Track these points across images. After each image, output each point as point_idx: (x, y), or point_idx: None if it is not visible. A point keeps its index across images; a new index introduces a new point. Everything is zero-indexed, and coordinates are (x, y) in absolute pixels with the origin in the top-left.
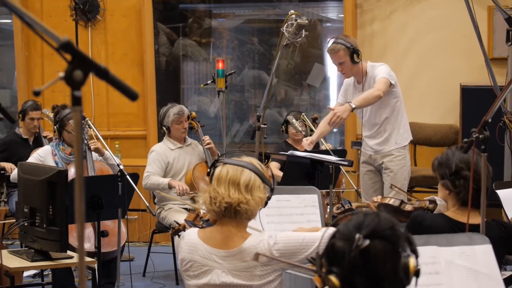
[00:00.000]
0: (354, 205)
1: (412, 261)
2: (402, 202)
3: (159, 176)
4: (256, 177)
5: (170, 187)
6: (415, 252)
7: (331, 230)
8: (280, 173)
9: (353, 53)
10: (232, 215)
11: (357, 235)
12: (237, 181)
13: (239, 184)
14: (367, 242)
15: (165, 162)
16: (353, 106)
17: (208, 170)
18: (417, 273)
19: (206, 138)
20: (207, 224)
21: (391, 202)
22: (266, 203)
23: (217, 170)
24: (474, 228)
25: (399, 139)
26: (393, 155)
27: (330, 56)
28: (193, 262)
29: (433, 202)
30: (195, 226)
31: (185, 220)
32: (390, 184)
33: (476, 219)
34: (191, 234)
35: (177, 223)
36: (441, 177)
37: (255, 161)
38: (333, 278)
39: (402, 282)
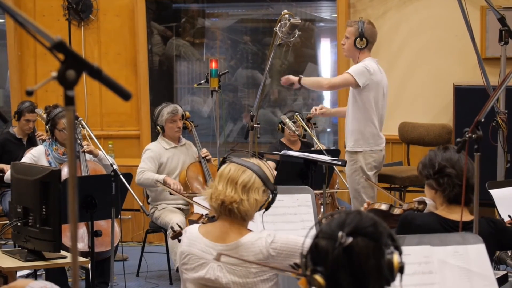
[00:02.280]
0: None
1: (396, 257)
2: (391, 206)
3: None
4: (257, 179)
5: (165, 183)
6: (398, 249)
7: None
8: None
9: (357, 37)
10: (226, 213)
11: (340, 233)
12: (236, 180)
13: (237, 183)
14: (350, 239)
15: (158, 161)
16: (301, 81)
17: (218, 166)
18: (401, 269)
19: (204, 150)
20: (212, 221)
21: (381, 207)
22: (268, 207)
23: (222, 167)
24: (465, 225)
25: (351, 144)
26: (346, 158)
27: None
28: (191, 255)
29: (422, 202)
30: None
31: (189, 220)
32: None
33: (465, 216)
34: (192, 229)
35: (179, 226)
36: (426, 178)
37: (262, 164)
38: (318, 277)
39: (386, 279)
